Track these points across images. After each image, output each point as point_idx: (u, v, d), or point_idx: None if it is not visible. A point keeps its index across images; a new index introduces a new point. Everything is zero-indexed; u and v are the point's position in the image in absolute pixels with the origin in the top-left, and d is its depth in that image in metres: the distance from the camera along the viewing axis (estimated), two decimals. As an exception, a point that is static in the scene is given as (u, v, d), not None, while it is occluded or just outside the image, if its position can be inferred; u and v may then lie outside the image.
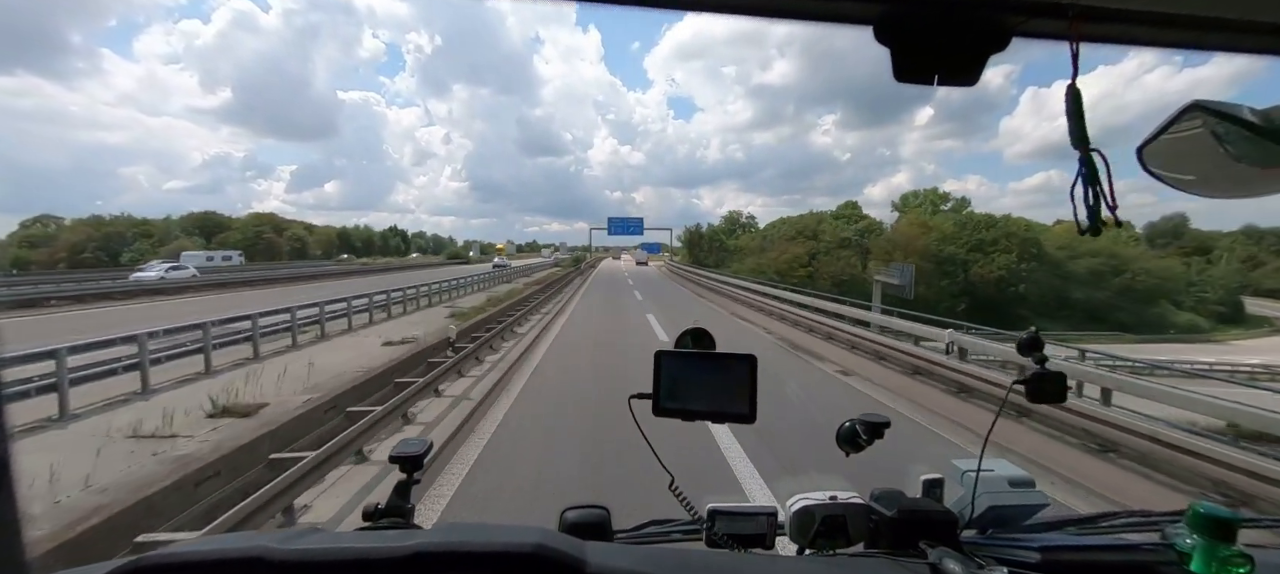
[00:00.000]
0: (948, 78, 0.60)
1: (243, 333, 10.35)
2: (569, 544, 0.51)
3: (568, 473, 4.82)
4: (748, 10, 0.61)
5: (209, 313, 10.47)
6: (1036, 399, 0.80)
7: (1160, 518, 0.84)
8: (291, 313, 11.69)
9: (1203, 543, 0.67)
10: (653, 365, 0.78)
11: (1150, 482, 5.24)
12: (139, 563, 0.46)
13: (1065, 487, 5.02)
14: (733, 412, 0.76)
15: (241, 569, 0.46)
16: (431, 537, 0.50)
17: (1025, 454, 5.48)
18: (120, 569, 0.46)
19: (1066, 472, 5.32)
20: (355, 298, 14.83)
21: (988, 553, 0.72)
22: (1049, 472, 5.25)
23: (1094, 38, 0.55)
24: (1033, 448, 5.82)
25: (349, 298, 14.55)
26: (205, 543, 0.50)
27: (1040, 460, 5.42)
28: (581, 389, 7.95)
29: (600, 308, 20.47)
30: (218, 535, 0.52)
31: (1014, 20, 0.56)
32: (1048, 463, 5.46)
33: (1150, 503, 4.33)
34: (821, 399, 7.86)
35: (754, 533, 0.83)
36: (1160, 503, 4.34)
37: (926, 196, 54.90)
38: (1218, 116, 0.69)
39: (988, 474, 0.82)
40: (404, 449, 0.81)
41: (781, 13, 0.61)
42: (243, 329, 10.37)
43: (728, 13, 0.61)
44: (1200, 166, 0.77)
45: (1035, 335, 0.82)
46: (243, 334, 10.33)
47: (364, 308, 15.08)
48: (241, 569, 0.46)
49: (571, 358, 10.47)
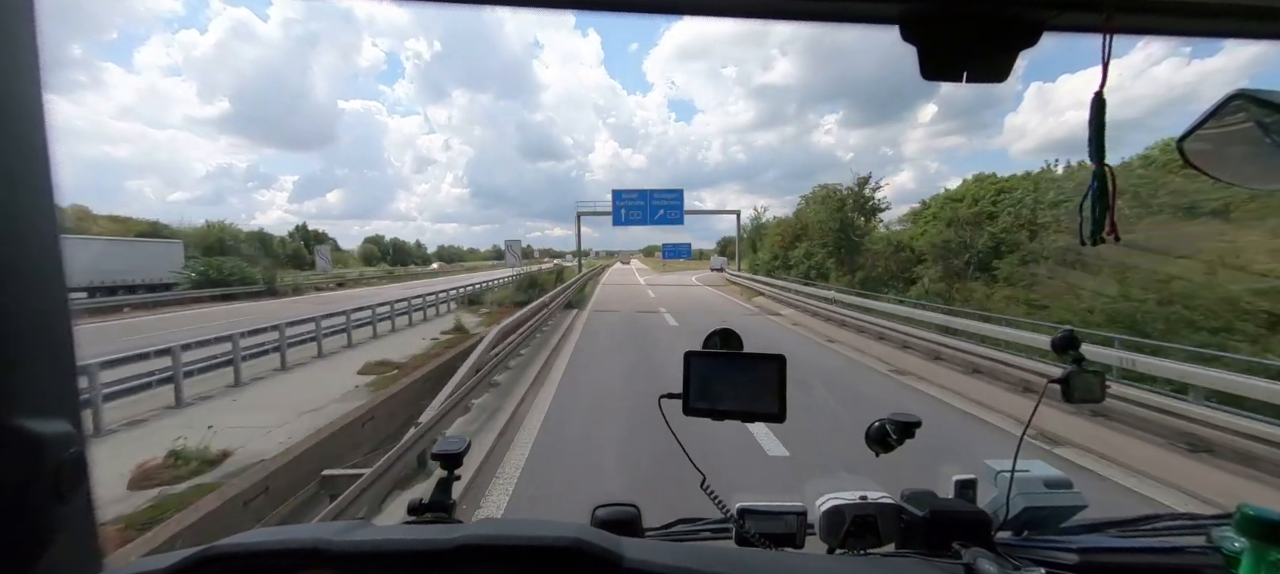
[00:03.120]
0: (976, 75, 0.59)
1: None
2: (606, 539, 0.53)
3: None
4: (772, 14, 0.61)
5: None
6: (1073, 399, 0.79)
7: (1206, 521, 0.82)
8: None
9: (1252, 546, 0.65)
10: (682, 366, 0.79)
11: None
12: (207, 553, 0.49)
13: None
14: (762, 411, 0.77)
15: (301, 559, 0.50)
16: (474, 530, 0.52)
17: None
18: (190, 558, 0.49)
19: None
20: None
21: (1023, 555, 0.71)
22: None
23: (1128, 29, 0.54)
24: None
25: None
26: (267, 534, 0.53)
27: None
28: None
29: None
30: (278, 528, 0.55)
31: (1045, 14, 0.55)
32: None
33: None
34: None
35: (784, 532, 0.83)
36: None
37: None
38: (1265, 106, 0.67)
39: (1023, 475, 0.81)
40: (444, 447, 0.84)
41: (805, 15, 0.62)
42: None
43: (751, 17, 0.62)
44: (1245, 157, 0.74)
45: (1070, 334, 0.80)
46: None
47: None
48: (301, 559, 0.50)
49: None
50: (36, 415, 0.43)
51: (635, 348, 11.38)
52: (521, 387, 7.93)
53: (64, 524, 0.45)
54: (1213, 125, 0.71)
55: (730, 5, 0.60)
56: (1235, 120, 0.69)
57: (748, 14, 0.62)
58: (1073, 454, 5.34)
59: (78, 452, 0.46)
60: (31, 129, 0.44)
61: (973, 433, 6.15)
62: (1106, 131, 0.57)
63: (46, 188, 0.45)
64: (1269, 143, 0.67)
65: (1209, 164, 0.78)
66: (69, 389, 0.48)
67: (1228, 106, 0.69)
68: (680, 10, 0.57)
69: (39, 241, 0.45)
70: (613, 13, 0.59)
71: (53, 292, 0.46)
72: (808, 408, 6.54)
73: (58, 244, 0.47)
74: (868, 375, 9.08)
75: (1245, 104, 0.68)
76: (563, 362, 9.84)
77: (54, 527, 0.44)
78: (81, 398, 0.51)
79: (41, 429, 0.43)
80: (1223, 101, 0.69)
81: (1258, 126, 0.67)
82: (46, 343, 0.46)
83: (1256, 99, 0.67)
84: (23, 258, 0.43)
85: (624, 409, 6.61)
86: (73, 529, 0.46)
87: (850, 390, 7.95)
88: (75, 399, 0.49)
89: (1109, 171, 0.58)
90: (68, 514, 0.45)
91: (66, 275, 0.48)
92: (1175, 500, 4.41)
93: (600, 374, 8.93)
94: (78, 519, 0.47)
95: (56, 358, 0.46)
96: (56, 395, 0.46)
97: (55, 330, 0.46)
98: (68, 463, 0.45)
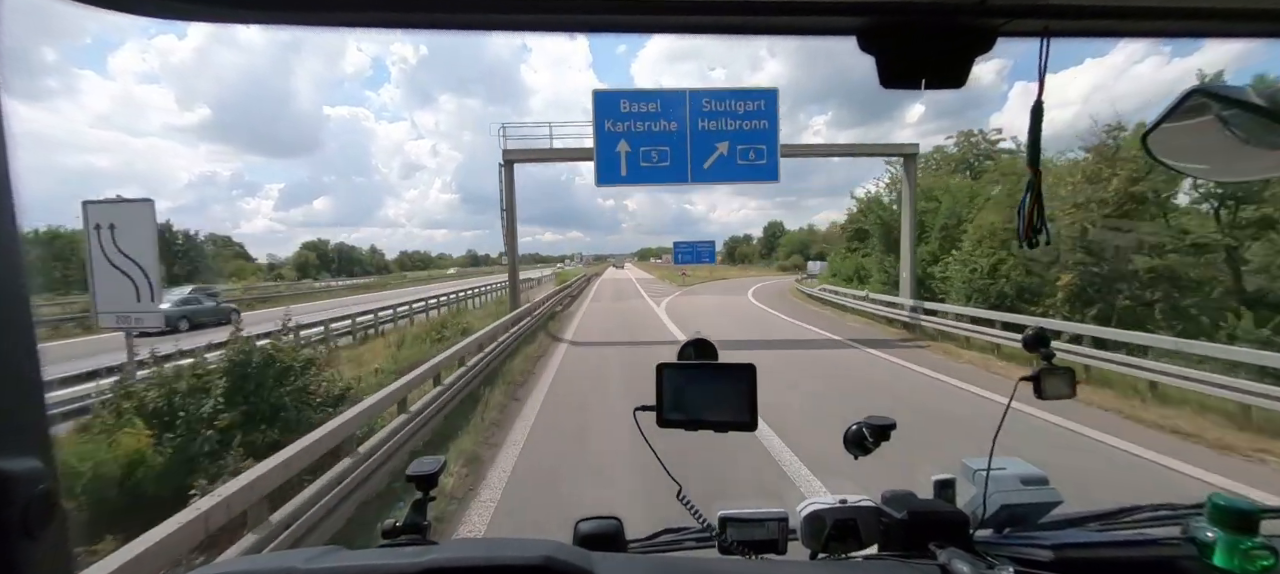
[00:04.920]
0: (935, 81, 0.60)
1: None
2: (578, 556, 0.53)
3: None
4: (734, 30, 0.62)
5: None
6: (1045, 396, 0.79)
7: (1183, 511, 0.83)
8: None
9: (1224, 536, 0.66)
10: (655, 378, 0.79)
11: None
12: None
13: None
14: (735, 421, 0.77)
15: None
16: (444, 553, 0.52)
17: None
18: None
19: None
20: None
21: (1001, 552, 0.72)
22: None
23: (1068, 33, 0.56)
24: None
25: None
26: (237, 564, 0.53)
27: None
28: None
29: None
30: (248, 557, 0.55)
31: (995, 22, 0.56)
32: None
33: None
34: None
35: (765, 539, 0.84)
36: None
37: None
38: (1221, 100, 0.68)
39: (999, 473, 0.81)
40: (419, 468, 0.84)
41: (767, 29, 0.63)
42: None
43: (714, 33, 0.63)
44: (1206, 151, 0.75)
45: (1041, 332, 0.81)
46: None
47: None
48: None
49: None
50: (1, 453, 0.42)
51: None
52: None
53: (34, 562, 0.45)
54: (1174, 120, 0.72)
55: (694, 23, 0.61)
56: (1194, 115, 0.70)
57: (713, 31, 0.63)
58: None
59: (47, 487, 0.45)
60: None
61: None
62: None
63: (5, 199, 0.42)
64: (1228, 136, 0.68)
65: (1172, 156, 0.79)
66: (37, 419, 0.47)
67: (1187, 102, 0.70)
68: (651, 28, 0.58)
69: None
70: (594, 33, 0.60)
71: (15, 314, 0.44)
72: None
73: (19, 260, 0.43)
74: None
75: (1203, 99, 0.69)
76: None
77: (22, 567, 0.44)
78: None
79: (4, 466, 0.42)
80: (1182, 98, 0.71)
81: (1216, 120, 0.68)
82: (8, 370, 0.43)
83: (1213, 94, 0.68)
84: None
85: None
86: (43, 567, 0.46)
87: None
88: (45, 429, 0.48)
89: (1038, 176, 0.60)
90: (37, 552, 0.45)
91: (30, 296, 0.45)
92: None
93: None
94: (49, 556, 0.47)
95: (20, 386, 0.44)
96: (22, 427, 0.45)
97: (18, 356, 0.44)
98: (36, 498, 0.44)
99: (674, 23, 0.59)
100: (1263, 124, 0.66)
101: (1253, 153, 0.69)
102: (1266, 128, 0.67)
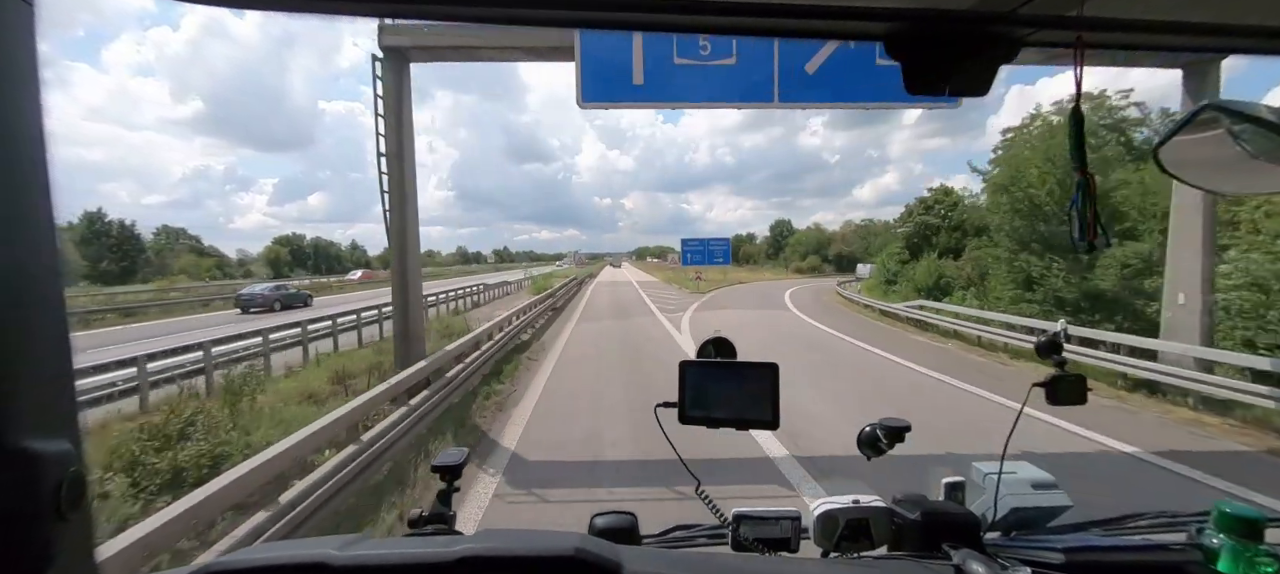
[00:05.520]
0: (959, 89, 0.61)
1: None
2: (605, 548, 0.54)
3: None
4: (760, 31, 0.63)
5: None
6: (1057, 402, 0.80)
7: (1188, 518, 0.84)
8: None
9: (1230, 543, 0.67)
10: (678, 375, 0.80)
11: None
12: (208, 569, 0.50)
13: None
14: (756, 418, 0.78)
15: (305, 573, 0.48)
16: (474, 543, 0.53)
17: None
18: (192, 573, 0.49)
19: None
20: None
21: (1011, 555, 0.73)
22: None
23: (1099, 45, 0.57)
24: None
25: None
26: (270, 549, 0.53)
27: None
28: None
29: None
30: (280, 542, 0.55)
31: (1023, 32, 0.57)
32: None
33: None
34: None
35: (779, 537, 0.84)
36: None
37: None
38: (1235, 116, 0.70)
39: (1010, 476, 0.82)
40: (444, 459, 0.85)
41: (796, 32, 0.63)
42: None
43: (743, 34, 0.64)
44: (1217, 166, 0.77)
45: (1055, 337, 0.82)
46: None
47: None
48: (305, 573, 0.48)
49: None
50: (35, 434, 0.43)
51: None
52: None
53: (64, 544, 0.45)
54: (1186, 134, 0.74)
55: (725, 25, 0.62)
56: (1207, 130, 0.72)
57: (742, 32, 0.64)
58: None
59: (78, 470, 0.46)
60: (27, 132, 0.43)
61: None
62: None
63: (44, 193, 0.44)
64: (1240, 151, 0.70)
65: (1183, 171, 0.81)
66: (68, 405, 0.48)
67: (1199, 116, 0.72)
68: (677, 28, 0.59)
69: (35, 250, 0.43)
70: (616, 30, 0.61)
71: (50, 303, 0.45)
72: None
73: (56, 252, 0.45)
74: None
75: (1216, 115, 0.70)
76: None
77: (54, 547, 0.44)
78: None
79: (40, 448, 0.43)
80: (1194, 112, 0.72)
81: (1228, 135, 0.70)
82: (44, 357, 0.45)
83: (1226, 110, 0.70)
84: (18, 268, 0.42)
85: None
86: (73, 548, 0.46)
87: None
88: (74, 415, 0.48)
89: (1091, 178, 0.60)
90: (68, 533, 0.45)
91: (63, 285, 0.46)
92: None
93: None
94: (78, 538, 0.47)
95: (55, 372, 0.46)
96: (56, 412, 0.46)
97: (53, 343, 0.46)
98: (68, 481, 0.45)
99: (705, 23, 0.60)
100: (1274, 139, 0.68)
101: (1260, 168, 0.71)
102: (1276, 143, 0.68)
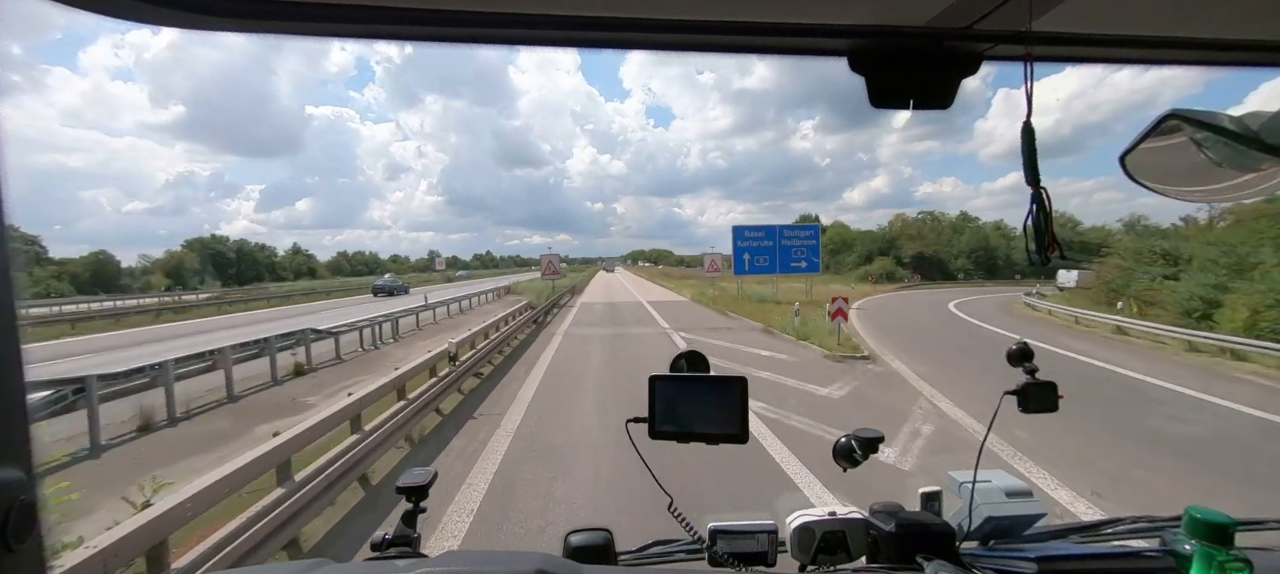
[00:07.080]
0: (922, 102, 0.62)
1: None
2: (569, 568, 0.53)
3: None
4: (727, 49, 0.64)
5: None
6: (1028, 409, 0.81)
7: (1162, 524, 0.84)
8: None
9: (1201, 547, 0.67)
10: (647, 390, 0.80)
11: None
12: None
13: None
14: (725, 432, 0.78)
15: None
16: (435, 567, 0.52)
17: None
18: None
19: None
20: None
21: (986, 564, 0.73)
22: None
23: (1050, 59, 0.58)
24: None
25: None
26: None
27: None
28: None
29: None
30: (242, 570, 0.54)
31: (980, 46, 0.58)
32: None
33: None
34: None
35: (755, 551, 0.84)
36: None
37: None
38: (1197, 125, 0.71)
39: (984, 485, 0.83)
40: (409, 480, 0.83)
41: (759, 49, 0.64)
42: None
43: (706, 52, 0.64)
44: (1181, 173, 0.78)
45: (1025, 346, 0.83)
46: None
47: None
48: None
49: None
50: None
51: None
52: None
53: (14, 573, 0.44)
54: (1150, 143, 0.75)
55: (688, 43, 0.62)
56: (1170, 138, 0.73)
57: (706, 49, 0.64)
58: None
59: (28, 498, 0.45)
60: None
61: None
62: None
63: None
64: (1203, 159, 0.71)
65: (1149, 178, 0.82)
66: (19, 430, 0.46)
67: (1162, 125, 0.73)
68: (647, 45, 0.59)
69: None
70: (591, 49, 0.61)
71: (1, 320, 0.42)
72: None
73: (7, 265, 0.42)
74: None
75: (1179, 123, 0.72)
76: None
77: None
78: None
79: None
80: (1158, 121, 0.73)
81: (1192, 143, 0.71)
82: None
83: (1188, 118, 0.71)
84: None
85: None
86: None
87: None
88: (26, 440, 0.47)
89: (1044, 193, 0.61)
90: (16, 567, 0.44)
91: (13, 298, 0.43)
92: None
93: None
94: (28, 567, 0.46)
95: (4, 395, 0.43)
96: (6, 437, 0.44)
97: (4, 364, 0.43)
98: (16, 509, 0.43)
99: (669, 42, 0.60)
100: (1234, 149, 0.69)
101: (1222, 176, 0.72)
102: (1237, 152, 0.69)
